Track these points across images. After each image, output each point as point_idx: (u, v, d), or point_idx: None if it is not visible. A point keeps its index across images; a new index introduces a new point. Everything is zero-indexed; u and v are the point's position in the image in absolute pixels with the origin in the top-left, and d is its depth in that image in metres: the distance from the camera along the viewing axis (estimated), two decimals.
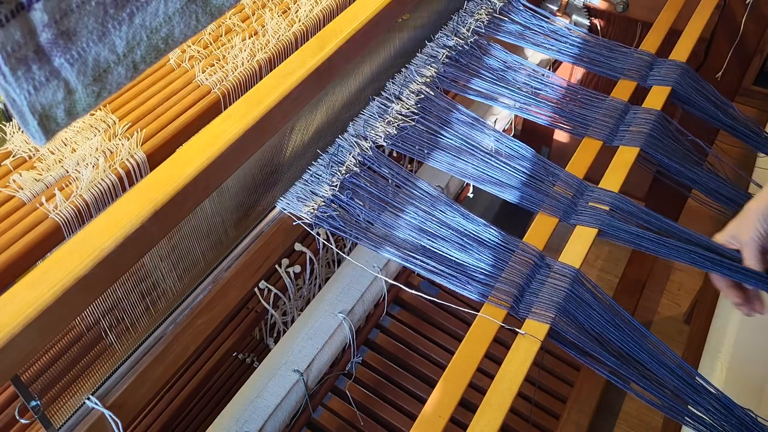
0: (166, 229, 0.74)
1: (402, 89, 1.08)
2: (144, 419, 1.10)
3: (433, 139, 1.04)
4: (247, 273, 0.93)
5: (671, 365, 0.82)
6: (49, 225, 0.73)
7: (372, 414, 1.28)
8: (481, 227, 0.92)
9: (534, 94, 1.14)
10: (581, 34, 1.23)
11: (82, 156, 0.80)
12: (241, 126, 0.78)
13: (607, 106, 1.12)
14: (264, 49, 0.96)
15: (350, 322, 1.08)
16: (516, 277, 0.87)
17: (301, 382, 1.00)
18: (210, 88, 0.91)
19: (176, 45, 0.53)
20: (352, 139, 1.02)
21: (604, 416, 1.72)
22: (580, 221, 0.95)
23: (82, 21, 0.44)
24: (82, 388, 0.76)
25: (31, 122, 0.44)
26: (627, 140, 1.06)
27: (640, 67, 1.18)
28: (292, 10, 1.03)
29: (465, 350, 0.81)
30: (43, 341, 0.63)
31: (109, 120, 0.85)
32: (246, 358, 1.29)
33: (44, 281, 0.62)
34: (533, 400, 1.36)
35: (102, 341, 0.77)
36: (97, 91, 0.48)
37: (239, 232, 0.93)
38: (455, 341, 1.40)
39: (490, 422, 0.75)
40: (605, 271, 2.07)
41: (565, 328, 0.83)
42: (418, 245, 0.91)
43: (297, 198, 0.95)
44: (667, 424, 1.58)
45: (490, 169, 1.01)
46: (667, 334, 1.90)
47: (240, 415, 0.96)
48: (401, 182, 0.98)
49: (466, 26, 1.19)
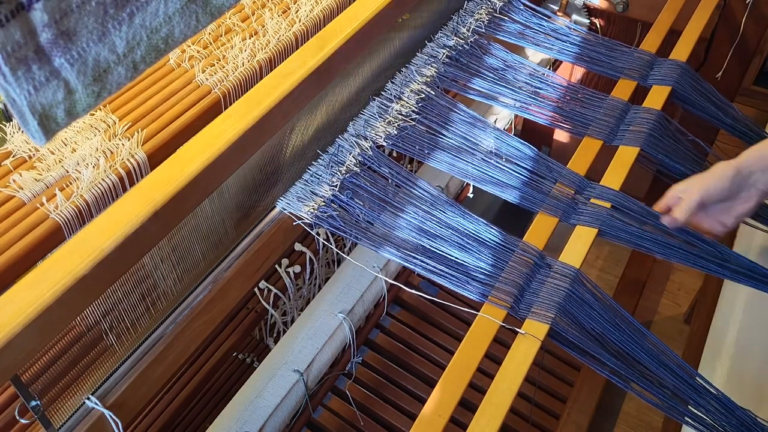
0: (166, 229, 0.74)
1: (402, 89, 1.08)
2: (144, 419, 1.10)
3: (434, 139, 1.04)
4: (247, 273, 0.93)
5: (671, 365, 0.82)
6: (49, 225, 0.73)
7: (372, 414, 1.28)
8: (481, 227, 0.92)
9: (534, 94, 1.14)
10: (582, 34, 1.23)
11: (83, 156, 0.80)
12: (241, 126, 0.78)
13: (608, 106, 1.12)
14: (264, 49, 0.96)
15: (350, 322, 1.08)
16: (516, 277, 0.87)
17: (301, 382, 1.00)
18: (210, 88, 0.91)
19: (176, 45, 0.53)
20: (353, 139, 1.02)
21: (604, 416, 1.72)
22: (580, 221, 0.95)
23: (82, 21, 0.44)
24: (82, 388, 0.76)
25: (31, 122, 0.44)
26: (627, 140, 1.06)
27: (640, 67, 1.18)
28: (292, 10, 1.03)
29: (465, 350, 0.81)
30: (43, 341, 0.63)
31: (109, 120, 0.85)
32: (246, 358, 1.29)
33: (44, 281, 0.62)
34: (533, 400, 1.36)
35: (102, 341, 0.77)
36: (97, 91, 0.48)
37: (239, 232, 0.93)
38: (455, 341, 1.40)
39: (490, 422, 0.75)
40: (605, 271, 2.07)
41: (565, 328, 0.83)
42: (418, 245, 0.90)
43: (297, 198, 0.95)
44: (667, 424, 1.58)
45: (491, 169, 1.01)
46: (667, 334, 1.89)
47: (240, 415, 0.96)
48: (401, 182, 0.98)
49: (466, 26, 1.19)
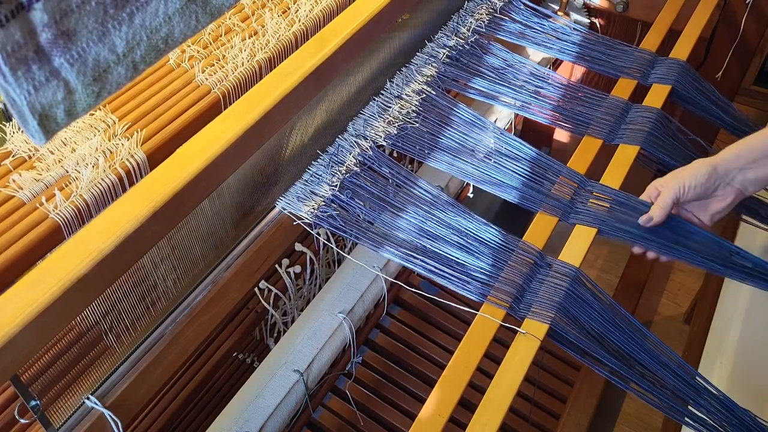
0: (165, 229, 0.74)
1: (402, 89, 1.08)
2: (144, 419, 1.10)
3: (434, 139, 1.04)
4: (246, 273, 0.93)
5: (671, 365, 0.82)
6: (49, 225, 0.73)
7: (372, 414, 1.28)
8: (481, 226, 0.92)
9: (534, 93, 1.14)
10: (582, 33, 1.23)
11: (82, 156, 0.80)
12: (240, 126, 0.78)
13: (608, 105, 1.12)
14: (264, 49, 0.96)
15: (350, 322, 1.08)
16: (516, 277, 0.87)
17: (301, 382, 1.00)
18: (210, 88, 0.91)
19: (176, 45, 0.53)
20: (352, 138, 1.02)
21: (604, 416, 1.72)
22: (579, 220, 0.95)
23: (82, 21, 0.44)
24: (81, 387, 0.76)
25: (31, 122, 0.44)
26: (627, 139, 1.06)
27: (640, 66, 1.18)
28: (292, 10, 1.03)
29: (464, 350, 0.81)
30: (42, 341, 0.63)
31: (109, 120, 0.85)
32: (246, 358, 1.28)
33: (44, 281, 0.62)
34: (533, 400, 1.36)
35: (102, 341, 0.77)
36: (97, 91, 0.48)
37: (239, 232, 0.93)
38: (455, 341, 1.40)
39: (490, 422, 0.75)
40: (605, 271, 2.06)
41: (564, 327, 0.83)
42: (418, 245, 0.90)
43: (297, 198, 0.95)
44: (667, 424, 1.58)
45: (491, 169, 1.01)
46: (667, 334, 1.89)
47: (240, 415, 0.96)
48: (401, 182, 0.98)
49: (466, 25, 1.19)
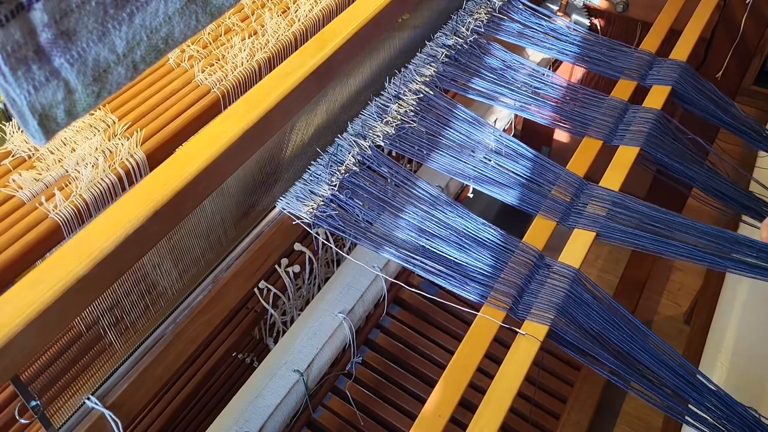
0: (165, 229, 0.74)
1: (401, 89, 1.08)
2: (144, 419, 1.10)
3: (433, 140, 1.04)
4: (246, 273, 0.93)
5: (672, 364, 0.82)
6: (48, 225, 0.73)
7: (372, 414, 1.28)
8: (481, 227, 0.92)
9: (534, 94, 1.13)
10: (581, 33, 1.23)
11: (82, 155, 0.80)
12: (240, 126, 0.78)
13: (607, 106, 1.12)
14: (263, 49, 0.96)
15: (350, 322, 1.08)
16: (515, 278, 0.87)
17: (301, 382, 1.00)
18: (209, 88, 0.91)
19: (176, 45, 0.53)
20: (352, 138, 1.02)
21: (604, 416, 1.72)
22: (578, 224, 0.95)
23: (82, 21, 0.44)
24: (81, 387, 0.76)
25: (31, 122, 0.44)
26: (627, 139, 1.06)
27: (640, 67, 1.18)
28: (292, 10, 1.03)
29: (465, 350, 0.81)
30: (42, 341, 0.63)
31: (109, 120, 0.85)
32: (246, 358, 1.29)
33: (44, 281, 0.62)
34: (533, 400, 1.36)
35: (102, 341, 0.77)
36: (97, 91, 0.48)
37: (239, 232, 0.93)
38: (455, 341, 1.40)
39: (490, 422, 0.75)
40: (605, 271, 2.07)
41: (564, 328, 0.83)
42: (417, 245, 0.90)
43: (296, 198, 0.95)
44: (668, 423, 1.58)
45: (490, 171, 1.01)
46: (667, 334, 1.89)
47: (240, 415, 0.96)
48: (401, 182, 0.98)
49: (465, 25, 1.19)
